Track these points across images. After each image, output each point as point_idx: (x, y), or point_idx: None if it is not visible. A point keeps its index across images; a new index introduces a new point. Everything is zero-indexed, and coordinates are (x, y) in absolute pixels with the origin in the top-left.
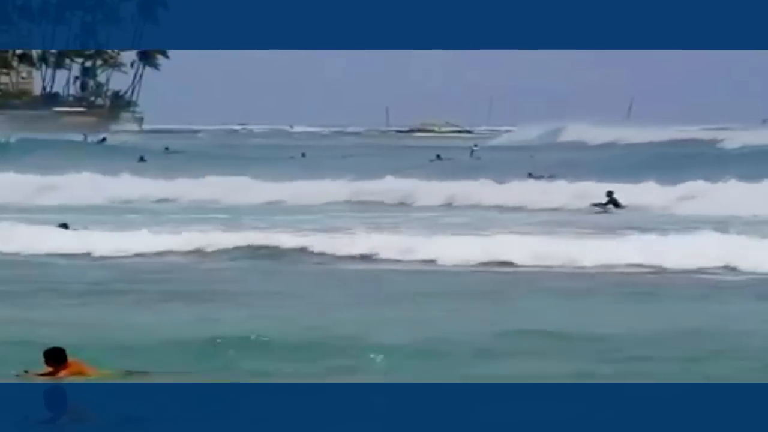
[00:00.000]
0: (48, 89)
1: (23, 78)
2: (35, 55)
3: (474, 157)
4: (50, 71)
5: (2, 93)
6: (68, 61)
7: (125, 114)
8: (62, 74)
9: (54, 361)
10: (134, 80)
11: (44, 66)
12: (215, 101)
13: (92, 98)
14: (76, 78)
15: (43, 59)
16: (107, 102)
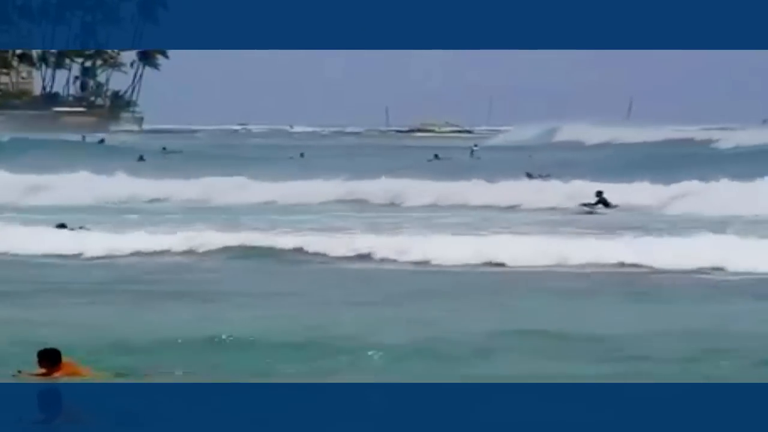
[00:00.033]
0: (48, 89)
1: (23, 78)
2: (35, 55)
3: (474, 157)
4: (50, 71)
5: (2, 93)
6: (68, 61)
7: (125, 114)
8: (62, 74)
9: (48, 362)
10: (134, 80)
11: (44, 66)
12: (215, 101)
13: (92, 98)
14: (76, 78)
15: (43, 59)
16: (107, 102)
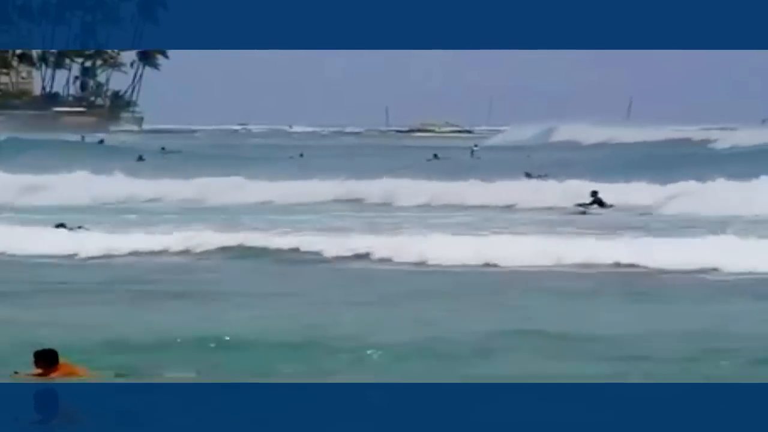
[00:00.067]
0: (48, 89)
1: (23, 78)
2: (35, 55)
3: (474, 157)
4: (50, 71)
5: (2, 93)
6: (68, 61)
7: (125, 114)
8: (62, 74)
9: (45, 363)
10: (134, 80)
11: (44, 66)
12: (215, 101)
13: (92, 98)
14: (76, 78)
15: (43, 59)
16: (107, 102)
